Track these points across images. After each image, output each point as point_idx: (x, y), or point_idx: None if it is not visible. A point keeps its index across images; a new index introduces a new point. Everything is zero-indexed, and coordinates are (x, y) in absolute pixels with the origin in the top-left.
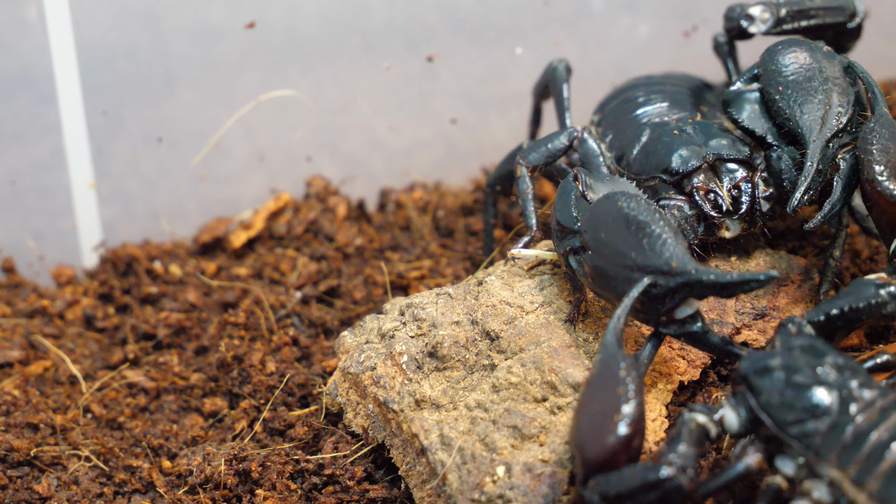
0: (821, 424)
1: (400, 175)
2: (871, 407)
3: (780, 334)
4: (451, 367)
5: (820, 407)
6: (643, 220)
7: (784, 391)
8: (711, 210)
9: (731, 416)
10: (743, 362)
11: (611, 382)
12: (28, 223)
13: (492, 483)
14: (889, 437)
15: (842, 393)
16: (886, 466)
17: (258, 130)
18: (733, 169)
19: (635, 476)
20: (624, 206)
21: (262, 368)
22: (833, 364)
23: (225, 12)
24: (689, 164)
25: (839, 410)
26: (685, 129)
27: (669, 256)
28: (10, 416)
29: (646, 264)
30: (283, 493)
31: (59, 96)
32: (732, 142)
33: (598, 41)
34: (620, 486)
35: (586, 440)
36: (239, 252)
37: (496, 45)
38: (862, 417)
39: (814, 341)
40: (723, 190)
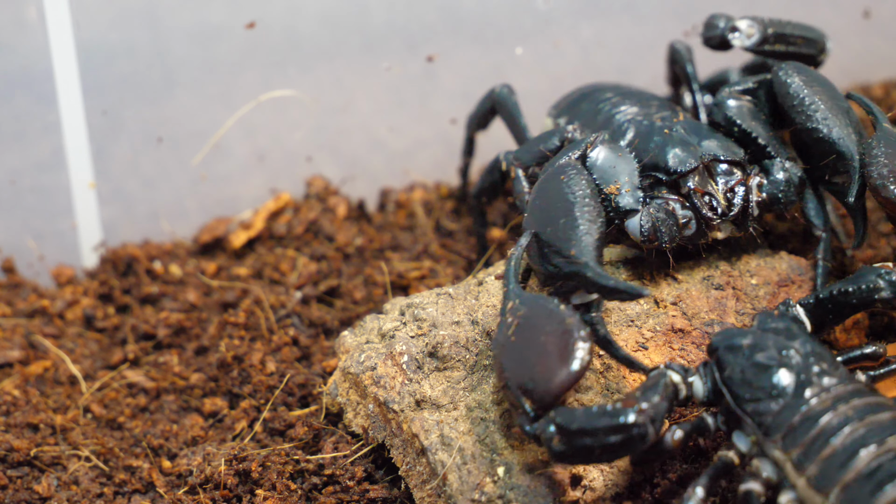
0: (774, 405)
1: (400, 175)
2: (826, 394)
3: (759, 315)
4: (452, 367)
5: (777, 388)
6: (570, 201)
7: (746, 368)
8: (709, 212)
9: (698, 384)
10: (716, 336)
11: (550, 319)
12: (28, 223)
13: (492, 483)
14: (836, 425)
15: (800, 377)
16: (827, 453)
17: (258, 130)
18: (727, 171)
19: (603, 415)
20: (563, 181)
21: (262, 368)
22: (800, 348)
23: (225, 12)
24: (686, 164)
25: (794, 393)
26: (675, 129)
27: (573, 242)
28: (10, 416)
29: (552, 241)
30: (283, 493)
31: (59, 96)
32: (725, 143)
33: (598, 41)
34: (584, 423)
35: (538, 377)
36: (239, 252)
37: (496, 45)
38: (815, 402)
39: (789, 325)
40: (718, 193)
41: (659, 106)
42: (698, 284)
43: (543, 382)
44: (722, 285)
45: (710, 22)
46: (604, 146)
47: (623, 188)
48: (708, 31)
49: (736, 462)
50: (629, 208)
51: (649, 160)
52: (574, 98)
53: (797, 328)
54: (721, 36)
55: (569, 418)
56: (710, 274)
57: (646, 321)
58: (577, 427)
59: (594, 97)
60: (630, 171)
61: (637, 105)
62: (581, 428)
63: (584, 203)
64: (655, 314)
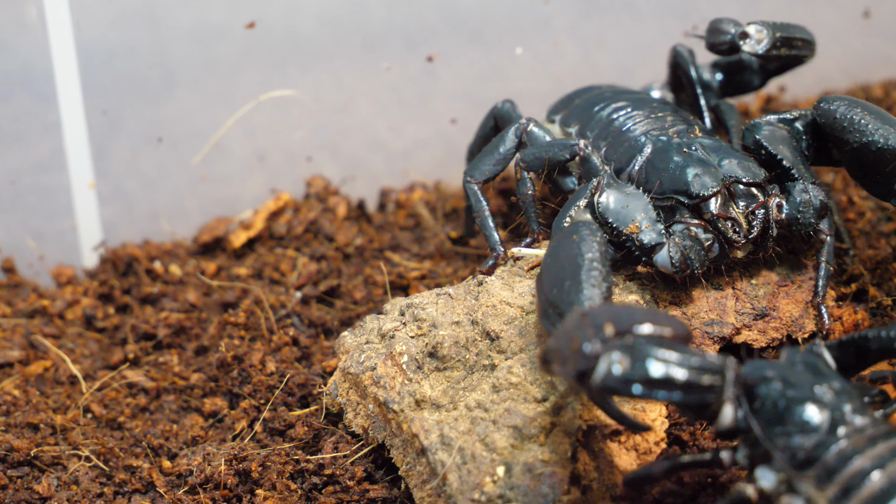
0: (807, 441)
1: (400, 175)
2: (860, 433)
3: (787, 350)
4: (452, 368)
5: (809, 423)
6: (578, 263)
7: (778, 401)
8: (732, 235)
9: (728, 411)
10: (745, 367)
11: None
12: (28, 223)
13: (492, 483)
14: (871, 465)
15: (834, 414)
16: (865, 494)
17: (258, 130)
18: (748, 192)
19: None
20: (575, 241)
21: (262, 368)
22: (830, 385)
23: (225, 12)
24: (708, 188)
25: (827, 430)
26: (693, 148)
27: (576, 306)
28: (10, 416)
29: (556, 301)
30: (283, 493)
31: (59, 96)
32: (745, 163)
33: (598, 41)
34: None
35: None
36: (239, 252)
37: (496, 45)
38: (849, 441)
39: (817, 361)
40: (740, 216)
41: (673, 119)
42: (698, 284)
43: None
44: (722, 285)
45: (717, 27)
46: (610, 190)
47: (642, 225)
48: (715, 36)
49: (754, 499)
50: (654, 243)
51: (668, 181)
52: (581, 104)
53: (824, 365)
54: (731, 42)
55: (647, 344)
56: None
57: None
58: (652, 355)
59: (601, 102)
60: (643, 206)
61: (650, 116)
62: (655, 356)
63: (591, 267)
64: None
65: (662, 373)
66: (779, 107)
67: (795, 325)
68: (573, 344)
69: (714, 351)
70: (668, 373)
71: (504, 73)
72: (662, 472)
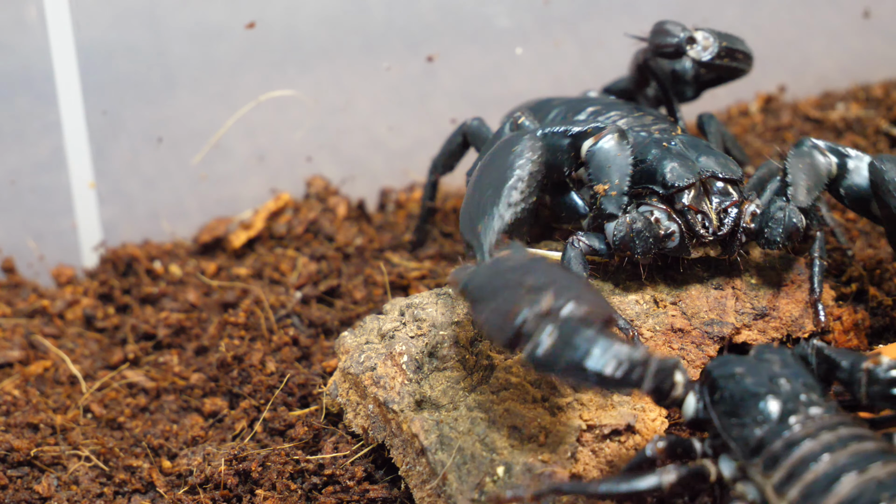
0: (759, 430)
1: (400, 175)
2: (811, 421)
3: (758, 346)
4: (452, 368)
5: (762, 414)
6: (505, 176)
7: (734, 394)
8: (701, 230)
9: (690, 402)
10: (712, 362)
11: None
12: (28, 223)
13: (492, 483)
14: (818, 450)
15: (787, 405)
16: (809, 478)
17: (258, 130)
18: (723, 189)
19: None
20: (514, 151)
21: (262, 368)
22: (791, 378)
23: (225, 12)
24: (683, 179)
25: (778, 420)
26: (674, 143)
27: (486, 217)
28: (10, 416)
29: (471, 205)
30: (283, 493)
31: (59, 96)
32: (724, 160)
33: (598, 41)
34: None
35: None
36: (239, 252)
37: (496, 45)
38: (798, 429)
39: (785, 355)
40: (712, 211)
41: (653, 119)
42: (698, 284)
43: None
44: (722, 285)
45: (664, 29)
46: (613, 138)
47: (610, 191)
48: (661, 38)
49: (711, 478)
50: (609, 212)
51: (645, 172)
52: (548, 111)
53: (793, 360)
54: (677, 45)
55: (576, 328)
56: (710, 273)
57: (645, 321)
58: (580, 339)
59: (575, 107)
60: (622, 174)
61: (629, 116)
62: (582, 341)
63: (517, 182)
64: (655, 314)
65: (582, 357)
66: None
67: (795, 325)
68: (510, 314)
69: (714, 351)
70: (588, 359)
71: (504, 73)
72: (644, 459)
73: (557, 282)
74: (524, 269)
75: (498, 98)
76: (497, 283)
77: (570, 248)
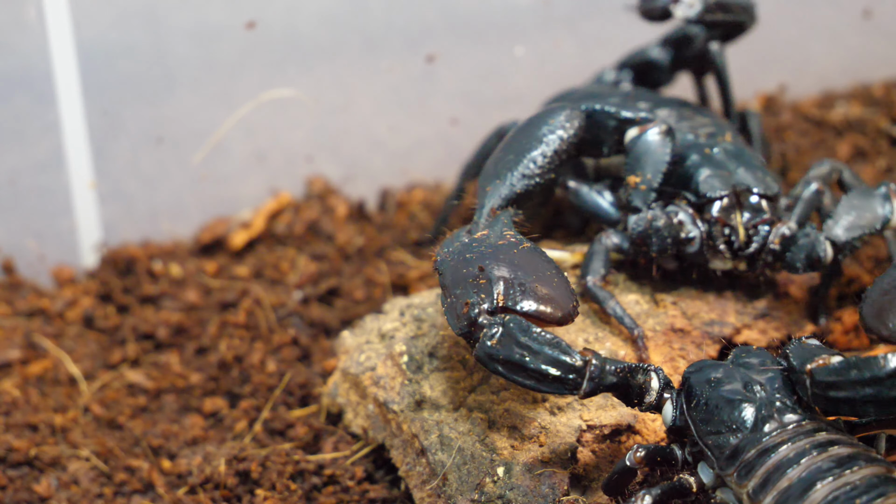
0: (733, 439)
1: (400, 175)
2: (786, 429)
3: (736, 349)
4: (452, 368)
5: (737, 422)
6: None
7: (710, 401)
8: (723, 245)
9: (668, 409)
10: (689, 367)
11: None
12: (28, 223)
13: (492, 483)
14: (793, 457)
15: (761, 412)
16: (784, 485)
17: (258, 130)
18: (757, 205)
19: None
20: (545, 123)
21: (262, 368)
22: (767, 384)
23: (225, 12)
24: (715, 190)
25: (752, 428)
26: (715, 150)
27: (497, 181)
28: (10, 416)
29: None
30: (283, 493)
31: (59, 96)
32: (763, 174)
33: (598, 41)
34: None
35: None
36: (239, 252)
37: (496, 45)
38: (772, 437)
39: (764, 358)
40: (741, 227)
41: (703, 120)
42: (698, 284)
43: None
44: (722, 285)
45: None
46: (658, 133)
47: (640, 184)
48: (647, 1)
49: (693, 489)
50: (634, 205)
51: (682, 175)
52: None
53: (771, 363)
54: (663, 7)
55: (523, 326)
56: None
57: (646, 321)
58: (524, 338)
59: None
60: (656, 170)
61: (681, 114)
62: (524, 343)
63: (538, 155)
64: (655, 314)
65: (520, 358)
66: (779, 107)
67: (796, 326)
68: (465, 305)
69: (715, 351)
70: (526, 359)
71: (504, 73)
72: (625, 469)
73: (517, 274)
74: (489, 256)
75: (498, 98)
76: (460, 270)
77: (597, 243)
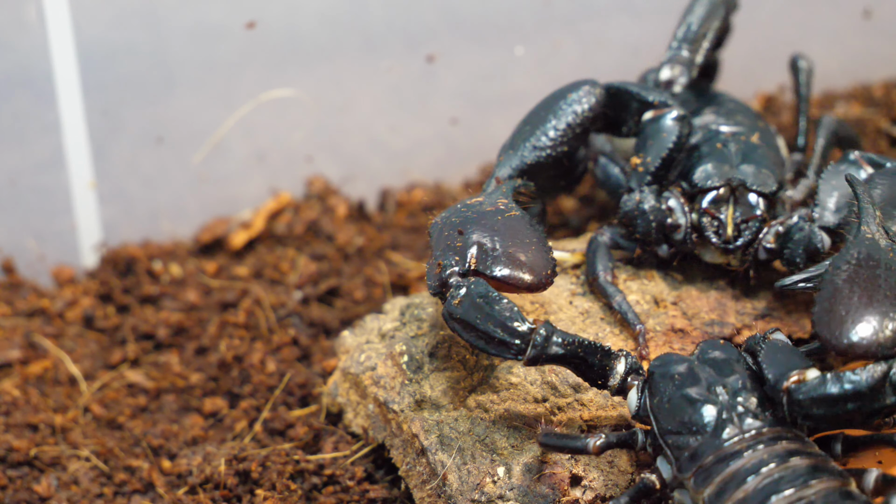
0: (693, 441)
1: (400, 175)
2: (745, 435)
3: (703, 343)
4: (452, 368)
5: (697, 424)
6: (548, 118)
7: (673, 399)
8: (712, 235)
9: (633, 397)
10: (655, 360)
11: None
12: (28, 223)
13: (492, 483)
14: (751, 467)
15: (722, 415)
16: (740, 496)
17: (258, 130)
18: (752, 201)
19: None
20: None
21: (262, 368)
22: (730, 385)
23: (225, 12)
24: (708, 181)
25: (712, 432)
26: (729, 145)
27: (515, 149)
28: (10, 416)
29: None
30: (283, 493)
31: (59, 96)
32: (766, 172)
33: (598, 41)
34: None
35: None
36: (239, 252)
37: (496, 45)
38: (731, 443)
39: (731, 354)
40: (730, 220)
41: (740, 118)
42: (698, 284)
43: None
44: (722, 285)
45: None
46: (670, 119)
47: (639, 166)
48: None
49: (657, 486)
50: (629, 185)
51: (685, 165)
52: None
53: (737, 361)
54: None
55: (482, 291)
56: (711, 273)
57: (646, 321)
58: (480, 301)
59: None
60: (657, 154)
61: (722, 109)
62: (480, 305)
63: (551, 128)
64: (655, 314)
65: (475, 318)
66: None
67: (797, 325)
68: (438, 268)
69: None
70: (479, 320)
71: (504, 73)
72: (581, 447)
73: (493, 240)
74: (472, 221)
75: (498, 98)
76: (443, 233)
77: (593, 242)
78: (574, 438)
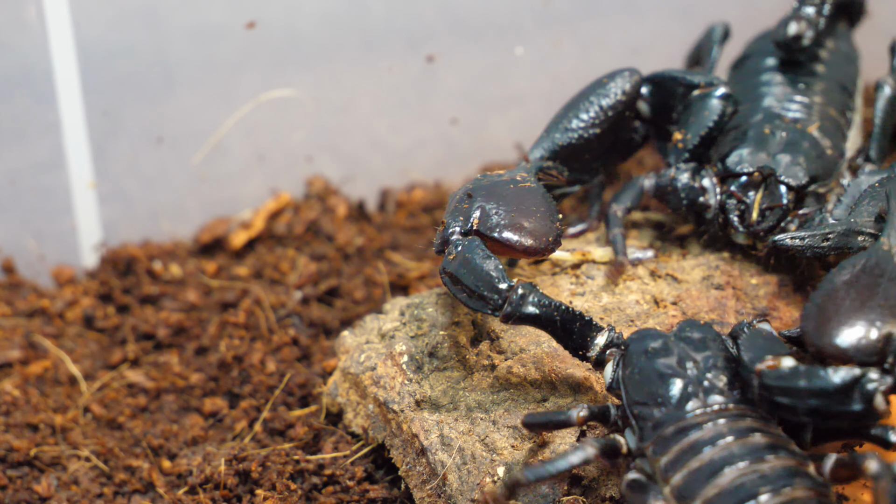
0: (657, 412)
1: (400, 175)
2: (706, 409)
3: (683, 322)
4: (452, 368)
5: (663, 397)
6: (587, 101)
7: (643, 371)
8: (735, 219)
9: (609, 369)
10: (633, 334)
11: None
12: (28, 223)
13: (492, 483)
14: (707, 440)
15: (687, 389)
16: (694, 466)
17: (258, 130)
18: (779, 192)
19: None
20: (606, 83)
21: (262, 368)
22: (701, 361)
23: (225, 12)
24: (739, 166)
25: (676, 405)
26: (775, 131)
27: (552, 129)
28: (10, 416)
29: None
30: (283, 493)
31: (59, 96)
32: (797, 164)
33: (598, 41)
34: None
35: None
36: (239, 252)
37: (496, 45)
38: (692, 416)
39: (708, 334)
40: (756, 206)
41: (813, 101)
42: (698, 284)
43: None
44: (722, 285)
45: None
46: (715, 97)
47: (679, 142)
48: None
49: (623, 450)
50: (671, 162)
51: (725, 146)
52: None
53: (713, 340)
54: (788, 44)
55: (474, 247)
56: (710, 274)
57: (646, 321)
58: (469, 256)
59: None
60: (697, 131)
61: (788, 89)
62: (469, 260)
63: (582, 112)
64: (655, 314)
65: (461, 272)
66: None
67: (797, 324)
68: (442, 226)
69: None
70: (465, 274)
71: (504, 73)
72: (560, 422)
73: (499, 204)
74: (484, 188)
75: (498, 98)
76: (456, 198)
77: (636, 180)
78: (558, 413)
